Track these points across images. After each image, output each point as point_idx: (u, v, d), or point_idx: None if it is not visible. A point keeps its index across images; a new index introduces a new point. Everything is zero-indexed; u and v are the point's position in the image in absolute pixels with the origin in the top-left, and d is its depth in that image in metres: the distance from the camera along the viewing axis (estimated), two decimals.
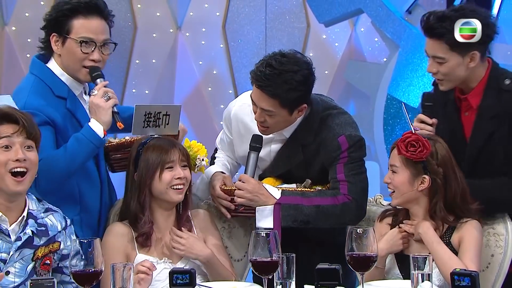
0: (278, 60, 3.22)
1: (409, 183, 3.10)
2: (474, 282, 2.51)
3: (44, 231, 2.90)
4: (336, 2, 5.95)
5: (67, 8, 3.23)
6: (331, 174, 3.37)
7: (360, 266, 2.69)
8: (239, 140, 3.50)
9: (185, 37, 6.68)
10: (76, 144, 3.13)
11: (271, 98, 3.22)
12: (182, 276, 2.63)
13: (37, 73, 3.28)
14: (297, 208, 3.32)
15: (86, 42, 3.21)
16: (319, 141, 3.37)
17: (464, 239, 3.06)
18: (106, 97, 3.16)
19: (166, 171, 3.12)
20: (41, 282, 2.50)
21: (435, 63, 3.33)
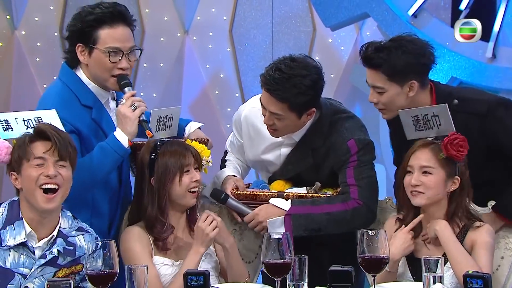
0: (288, 64, 3.24)
1: (444, 183, 3.12)
2: (487, 285, 2.54)
3: (71, 251, 2.90)
4: (342, 6, 5.96)
5: (92, 19, 3.22)
6: (341, 178, 3.39)
7: (372, 268, 2.72)
8: (249, 143, 3.52)
9: (193, 41, 6.70)
10: (101, 153, 3.13)
11: (280, 102, 3.25)
12: (197, 278, 2.66)
13: (65, 80, 3.28)
14: (307, 217, 3.34)
15: (114, 52, 3.21)
16: (328, 145, 3.39)
17: (477, 243, 3.08)
18: (133, 107, 3.16)
19: (184, 175, 3.14)
20: (58, 284, 2.53)
21: (376, 93, 3.34)
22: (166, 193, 3.14)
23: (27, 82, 6.69)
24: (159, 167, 3.14)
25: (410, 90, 3.31)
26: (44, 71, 6.74)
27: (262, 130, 3.44)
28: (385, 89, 3.31)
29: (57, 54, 6.73)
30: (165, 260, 3.13)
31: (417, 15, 5.85)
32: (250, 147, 3.53)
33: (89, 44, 3.23)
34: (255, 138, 3.49)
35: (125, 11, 3.29)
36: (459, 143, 3.10)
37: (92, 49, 3.22)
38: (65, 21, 6.70)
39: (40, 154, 2.83)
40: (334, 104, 3.51)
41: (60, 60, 6.75)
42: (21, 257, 2.83)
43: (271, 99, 3.26)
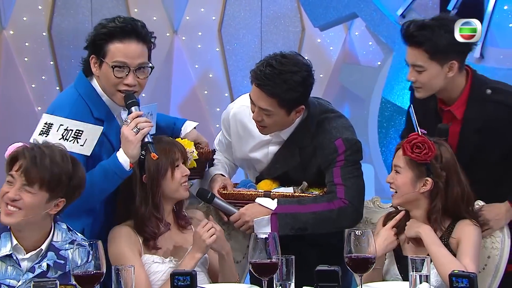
0: (279, 60, 3.25)
1: (412, 184, 3.13)
2: (472, 284, 2.54)
3: (62, 264, 2.86)
4: (331, 6, 5.97)
5: (103, 32, 3.17)
6: (328, 177, 3.40)
7: (359, 268, 2.72)
8: (237, 141, 3.53)
9: (182, 40, 6.70)
10: (102, 173, 3.10)
11: (270, 98, 3.26)
12: (183, 278, 2.66)
13: (80, 91, 3.22)
14: (294, 217, 3.35)
15: (120, 67, 3.15)
16: (316, 144, 3.39)
17: (463, 240, 3.09)
18: (136, 130, 3.13)
19: (176, 170, 3.17)
20: (43, 284, 2.52)
21: (414, 72, 3.34)
22: (160, 189, 3.15)
23: (15, 82, 6.68)
24: (150, 165, 3.15)
25: (450, 70, 3.31)
26: (32, 71, 6.73)
27: (251, 128, 3.45)
28: (424, 68, 3.31)
29: (46, 54, 6.73)
30: (155, 258, 3.13)
31: (405, 15, 5.87)
32: (238, 146, 3.54)
33: (100, 56, 3.20)
34: (244, 136, 3.50)
35: (138, 27, 3.20)
36: (416, 143, 3.10)
37: (102, 62, 3.19)
38: (53, 21, 6.70)
39: (12, 172, 2.78)
40: (322, 103, 3.51)
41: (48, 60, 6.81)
42: (8, 268, 2.80)
43: (261, 95, 3.27)
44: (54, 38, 6.72)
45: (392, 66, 5.93)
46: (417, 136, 3.12)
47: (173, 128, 3.53)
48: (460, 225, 3.13)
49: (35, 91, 6.73)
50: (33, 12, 6.69)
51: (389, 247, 3.16)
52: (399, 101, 5.86)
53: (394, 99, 5.89)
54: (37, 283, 2.49)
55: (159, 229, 3.16)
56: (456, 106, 3.39)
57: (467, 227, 3.12)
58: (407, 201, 3.16)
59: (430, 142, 3.11)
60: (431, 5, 6.10)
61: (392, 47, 5.90)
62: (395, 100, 5.87)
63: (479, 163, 3.35)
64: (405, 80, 5.95)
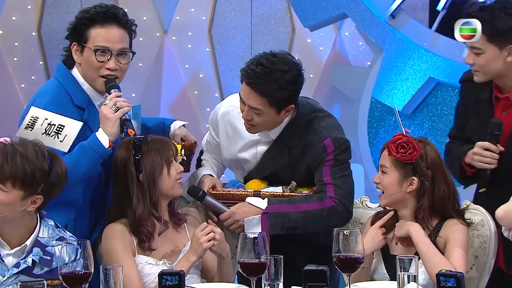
0: (269, 60, 3.25)
1: (398, 184, 3.13)
2: (460, 283, 2.55)
3: (48, 261, 2.83)
4: (321, 6, 5.98)
5: (85, 17, 3.23)
6: (317, 177, 3.41)
7: (347, 268, 2.72)
8: (226, 142, 3.53)
9: (172, 40, 6.70)
10: (81, 151, 3.12)
11: (260, 96, 3.26)
12: (171, 278, 2.66)
13: (60, 80, 3.27)
14: (284, 216, 3.35)
15: (102, 51, 3.19)
16: (305, 144, 3.40)
17: (450, 239, 3.10)
18: (114, 108, 3.15)
19: (171, 167, 3.18)
20: (31, 284, 2.51)
21: (473, 54, 3.31)
22: (157, 187, 3.15)
23: (4, 81, 6.67)
24: (146, 164, 3.16)
25: (509, 55, 3.28)
26: (22, 70, 6.72)
27: (240, 128, 3.45)
28: (482, 50, 3.28)
29: (35, 54, 6.72)
30: (149, 259, 3.13)
31: (395, 15, 5.89)
32: (226, 146, 3.54)
33: (81, 42, 3.23)
34: (232, 137, 3.50)
35: (119, 13, 3.26)
36: (401, 143, 3.11)
37: (84, 48, 3.23)
38: (42, 20, 6.69)
39: None
40: (311, 103, 3.52)
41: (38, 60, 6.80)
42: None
43: (251, 93, 3.27)
44: (43, 38, 6.71)
45: (382, 66, 5.95)
46: (401, 136, 3.13)
47: (162, 128, 3.55)
48: (447, 224, 3.15)
49: (25, 91, 6.72)
50: (23, 12, 6.68)
51: (376, 246, 3.17)
52: (388, 101, 5.87)
53: (383, 99, 5.90)
54: (24, 283, 2.49)
55: (155, 230, 3.16)
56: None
57: (454, 226, 3.13)
58: (394, 201, 3.17)
59: (415, 141, 3.12)
60: (421, 5, 6.13)
61: (382, 47, 5.92)
62: (384, 100, 5.89)
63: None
64: (395, 80, 6.01)
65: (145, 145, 3.18)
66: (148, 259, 3.12)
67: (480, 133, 3.37)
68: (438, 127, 5.77)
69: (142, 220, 3.13)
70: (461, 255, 3.06)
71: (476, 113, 3.43)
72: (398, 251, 3.12)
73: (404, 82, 5.88)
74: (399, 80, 5.90)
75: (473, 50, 3.31)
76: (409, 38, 5.82)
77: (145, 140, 3.20)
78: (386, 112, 5.89)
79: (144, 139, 3.20)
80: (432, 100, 5.81)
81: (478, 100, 3.42)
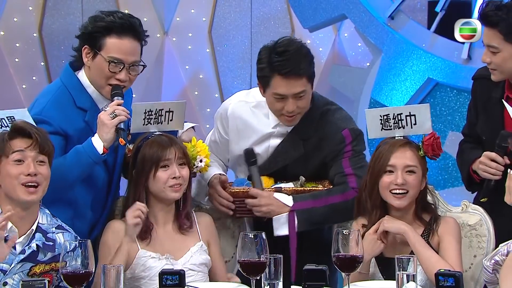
0: (286, 43, 3.29)
1: (420, 182, 3.16)
2: (458, 283, 2.57)
3: (51, 246, 2.90)
4: (320, 7, 6.00)
5: (102, 26, 3.21)
6: (336, 169, 3.42)
7: (346, 267, 2.74)
8: (236, 138, 3.51)
9: (172, 42, 6.72)
10: (75, 156, 3.14)
11: (302, 77, 3.26)
12: (172, 277, 2.68)
13: (64, 81, 3.29)
14: (311, 212, 3.36)
15: (115, 62, 3.20)
16: (320, 136, 3.41)
17: (444, 238, 3.11)
18: (113, 115, 3.16)
19: (161, 170, 3.13)
20: (32, 284, 2.54)
21: (489, 53, 3.31)
22: (142, 185, 3.15)
23: (6, 82, 6.68)
24: (138, 160, 3.17)
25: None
26: (23, 71, 6.74)
27: (252, 122, 3.45)
28: (499, 49, 3.28)
29: (36, 55, 6.74)
30: (152, 253, 3.15)
31: (393, 16, 5.90)
32: (236, 142, 3.51)
33: (94, 48, 3.23)
34: (244, 132, 3.48)
35: (136, 24, 3.27)
36: (438, 142, 3.12)
37: (96, 54, 3.23)
38: (44, 21, 6.71)
39: (21, 149, 2.85)
40: (322, 96, 3.56)
41: (39, 61, 6.80)
42: None
43: (296, 80, 3.26)
44: (44, 39, 6.72)
45: (381, 67, 5.97)
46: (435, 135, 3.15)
47: None
48: (440, 223, 3.15)
49: (26, 92, 6.74)
50: (24, 13, 6.70)
51: (375, 252, 3.15)
52: (387, 101, 5.89)
53: (383, 99, 5.92)
54: (26, 282, 2.52)
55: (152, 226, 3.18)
56: None
57: (447, 225, 3.14)
58: (412, 201, 3.19)
59: None
60: (419, 6, 6.14)
61: (381, 48, 5.94)
62: (384, 101, 5.91)
63: None
64: (394, 81, 6.03)
65: (148, 140, 3.19)
66: (152, 253, 3.14)
67: (489, 132, 3.37)
68: (437, 127, 5.78)
69: None
70: (456, 253, 3.07)
71: (486, 111, 3.43)
72: (390, 253, 3.12)
73: (403, 82, 5.90)
74: (398, 80, 5.92)
75: (490, 49, 3.31)
76: (408, 39, 5.84)
77: (155, 136, 3.20)
78: None
79: (155, 135, 3.21)
80: (431, 101, 5.82)
81: (489, 98, 3.42)
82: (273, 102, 3.34)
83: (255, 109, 3.47)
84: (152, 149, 3.15)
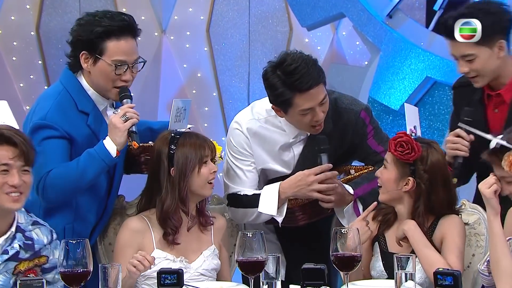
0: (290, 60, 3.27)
1: (395, 181, 3.15)
2: (457, 281, 2.57)
3: (30, 245, 2.90)
4: (318, 6, 5.99)
5: (100, 31, 3.20)
6: (365, 151, 3.48)
7: (345, 266, 2.75)
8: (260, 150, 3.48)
9: (170, 40, 6.71)
10: (88, 159, 3.14)
11: (320, 83, 3.29)
12: (170, 276, 2.68)
13: (65, 84, 3.28)
14: (371, 194, 3.39)
15: (120, 65, 3.21)
16: (341, 126, 3.42)
17: (447, 236, 3.11)
18: (124, 118, 3.15)
19: (203, 166, 3.17)
20: (30, 283, 2.53)
21: (465, 62, 3.35)
22: (187, 184, 3.16)
23: (3, 81, 6.67)
24: (179, 158, 3.16)
25: (500, 50, 3.34)
26: (21, 70, 6.72)
27: (269, 136, 3.46)
28: (475, 55, 3.32)
29: (34, 54, 6.73)
30: (168, 255, 3.15)
31: (392, 15, 5.90)
32: (261, 154, 3.49)
33: (95, 54, 3.22)
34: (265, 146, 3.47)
35: (133, 23, 3.28)
36: (400, 142, 3.12)
37: (98, 59, 3.22)
38: (41, 20, 6.70)
39: (5, 161, 2.81)
40: None
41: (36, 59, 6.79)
42: None
43: (320, 89, 3.27)
44: (42, 37, 6.71)
45: (379, 66, 5.96)
46: (403, 135, 3.14)
47: None
48: (443, 222, 3.15)
49: (24, 90, 6.73)
50: (21, 12, 6.68)
51: (362, 238, 3.16)
52: (385, 100, 5.89)
53: (381, 98, 5.92)
54: (23, 281, 2.51)
55: (181, 224, 3.17)
56: (506, 89, 3.39)
57: (450, 223, 3.14)
58: (391, 197, 3.19)
59: (415, 143, 3.12)
60: (418, 5, 6.14)
61: (379, 47, 5.93)
62: (382, 100, 5.90)
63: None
64: (392, 79, 6.02)
65: (182, 139, 3.18)
66: (167, 255, 3.14)
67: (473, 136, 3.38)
68: (435, 126, 5.78)
69: (169, 213, 3.15)
70: (458, 251, 3.07)
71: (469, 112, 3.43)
72: (396, 249, 3.14)
73: (401, 81, 5.89)
74: (396, 79, 5.91)
75: (464, 58, 3.35)
76: (406, 38, 5.83)
77: (184, 134, 3.21)
78: (383, 111, 5.90)
79: (183, 134, 3.21)
80: (429, 100, 5.82)
81: (470, 102, 3.45)
82: (300, 119, 3.33)
83: (266, 125, 3.46)
84: (194, 147, 3.16)
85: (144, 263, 2.97)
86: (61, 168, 3.13)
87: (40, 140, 3.15)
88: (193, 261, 3.18)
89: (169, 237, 3.15)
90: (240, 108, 3.71)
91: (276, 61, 3.30)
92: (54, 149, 3.14)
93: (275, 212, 3.38)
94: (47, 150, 3.13)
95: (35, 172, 3.02)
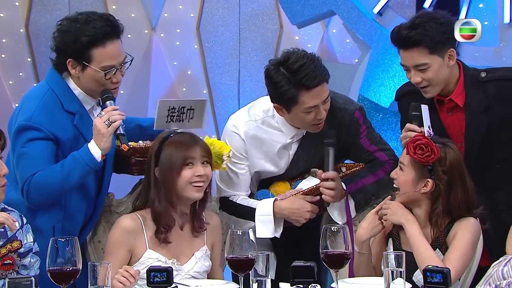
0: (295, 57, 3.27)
1: (413, 184, 3.12)
2: (446, 279, 2.58)
3: (2, 232, 2.89)
4: (308, 4, 5.99)
5: (86, 40, 3.18)
6: (359, 150, 3.49)
7: (335, 264, 2.75)
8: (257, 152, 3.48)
9: (160, 38, 6.69)
10: (73, 163, 3.13)
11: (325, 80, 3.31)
12: (160, 274, 2.68)
13: (51, 84, 3.26)
14: (363, 190, 3.43)
15: (109, 70, 3.20)
16: (336, 125, 3.42)
17: (456, 236, 3.10)
18: (108, 122, 3.13)
19: (186, 168, 3.10)
20: (19, 281, 2.53)
21: (418, 72, 3.36)
22: (174, 185, 3.11)
23: None
24: (163, 158, 3.12)
25: (450, 59, 3.37)
26: (10, 67, 6.69)
27: (267, 138, 3.45)
28: (428, 64, 3.34)
29: (23, 51, 6.69)
30: (160, 256, 3.13)
31: (382, 13, 5.91)
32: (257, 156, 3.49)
33: (82, 61, 3.20)
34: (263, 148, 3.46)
35: (116, 24, 3.26)
36: (420, 145, 3.10)
37: (86, 67, 3.21)
38: (30, 17, 6.66)
39: None
40: None
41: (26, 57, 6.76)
42: None
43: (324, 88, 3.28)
44: (31, 34, 6.68)
45: (369, 64, 5.96)
46: (422, 138, 3.12)
47: None
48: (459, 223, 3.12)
49: (13, 88, 6.70)
50: (10, 9, 6.65)
51: (373, 231, 3.17)
52: (376, 98, 5.90)
53: (371, 96, 5.92)
54: (12, 280, 2.51)
55: (174, 224, 3.14)
56: (456, 94, 3.42)
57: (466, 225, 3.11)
58: (408, 199, 3.15)
59: (434, 145, 3.09)
60: (408, 3, 6.14)
61: (369, 44, 5.94)
62: (372, 97, 5.91)
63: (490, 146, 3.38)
64: (382, 77, 6.03)
65: (171, 139, 3.14)
66: (159, 256, 3.12)
67: None
68: None
69: (160, 212, 3.11)
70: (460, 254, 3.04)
71: None
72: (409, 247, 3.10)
73: (391, 79, 5.90)
74: (387, 77, 5.92)
75: (417, 68, 3.36)
76: None
77: (177, 134, 3.18)
78: (374, 109, 5.91)
79: (178, 133, 3.18)
80: None
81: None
82: (303, 117, 3.32)
83: (263, 126, 3.45)
84: (178, 148, 3.11)
85: (130, 280, 2.89)
86: (46, 172, 3.11)
87: (25, 141, 3.13)
88: (184, 263, 3.16)
89: (161, 235, 3.13)
90: (230, 106, 3.71)
91: (279, 59, 3.29)
92: (39, 151, 3.12)
93: (273, 235, 3.40)
94: (32, 152, 3.12)
95: (20, 175, 3.02)
